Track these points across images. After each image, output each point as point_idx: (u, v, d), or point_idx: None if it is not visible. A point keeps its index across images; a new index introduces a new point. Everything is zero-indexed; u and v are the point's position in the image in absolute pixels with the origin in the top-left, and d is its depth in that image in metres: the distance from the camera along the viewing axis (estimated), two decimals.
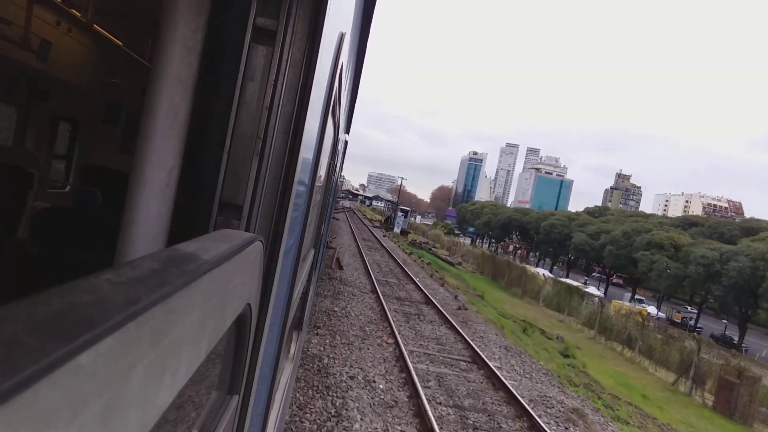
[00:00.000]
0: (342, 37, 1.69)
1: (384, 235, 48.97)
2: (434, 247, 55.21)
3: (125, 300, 0.37)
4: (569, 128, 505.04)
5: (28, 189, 4.07)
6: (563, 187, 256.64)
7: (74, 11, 5.18)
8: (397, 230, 59.09)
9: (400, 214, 62.95)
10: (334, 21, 1.37)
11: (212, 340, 0.61)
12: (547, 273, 58.30)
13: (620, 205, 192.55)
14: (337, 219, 49.43)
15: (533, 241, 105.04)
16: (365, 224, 63.72)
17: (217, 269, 0.59)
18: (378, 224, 70.63)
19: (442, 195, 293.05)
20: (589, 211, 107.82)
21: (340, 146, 5.14)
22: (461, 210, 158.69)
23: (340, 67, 1.77)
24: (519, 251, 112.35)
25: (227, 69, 1.04)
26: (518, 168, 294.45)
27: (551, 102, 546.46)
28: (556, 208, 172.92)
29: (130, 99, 6.29)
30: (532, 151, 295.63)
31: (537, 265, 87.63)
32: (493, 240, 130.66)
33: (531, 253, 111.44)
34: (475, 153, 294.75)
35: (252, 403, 1.11)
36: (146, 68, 5.97)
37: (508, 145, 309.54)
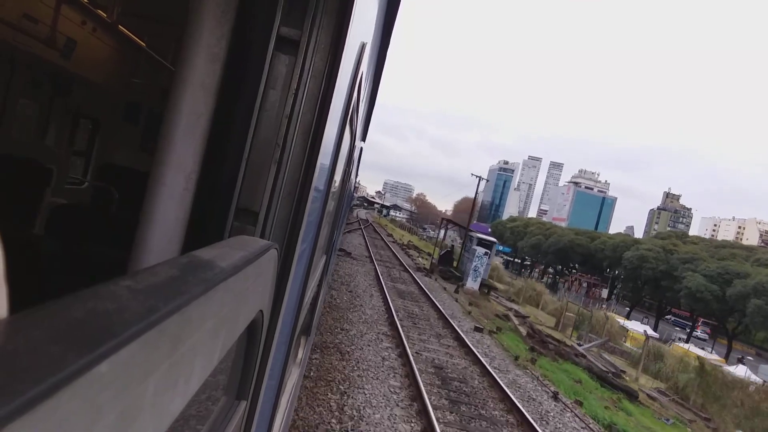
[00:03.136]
0: (363, 47, 1.70)
1: (473, 327, 16.94)
2: (510, 298, 32.89)
3: (144, 308, 0.38)
4: (587, 144, 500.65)
5: (46, 185, 4.14)
6: (605, 204, 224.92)
7: (100, 11, 5.28)
8: (472, 285, 28.06)
9: (478, 249, 28.93)
10: (357, 31, 1.38)
11: (225, 347, 0.61)
12: (648, 330, 34.11)
13: (668, 229, 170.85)
14: (352, 257, 26.15)
15: (601, 272, 78.55)
16: (398, 259, 32.67)
17: (234, 277, 0.59)
18: (418, 254, 42.47)
19: (466, 207, 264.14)
20: (663, 237, 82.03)
21: (356, 154, 5.16)
22: (498, 227, 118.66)
23: (360, 76, 1.78)
24: (592, 289, 75.82)
25: (250, 77, 1.05)
26: (540, 181, 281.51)
27: (566, 117, 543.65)
28: (596, 229, 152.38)
29: (150, 99, 6.38)
30: (556, 165, 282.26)
31: (609, 307, 59.29)
32: (549, 269, 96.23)
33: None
34: (506, 162, 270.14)
35: (259, 408, 1.11)
36: (168, 70, 6.06)
37: (531, 158, 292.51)
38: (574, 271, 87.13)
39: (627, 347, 29.39)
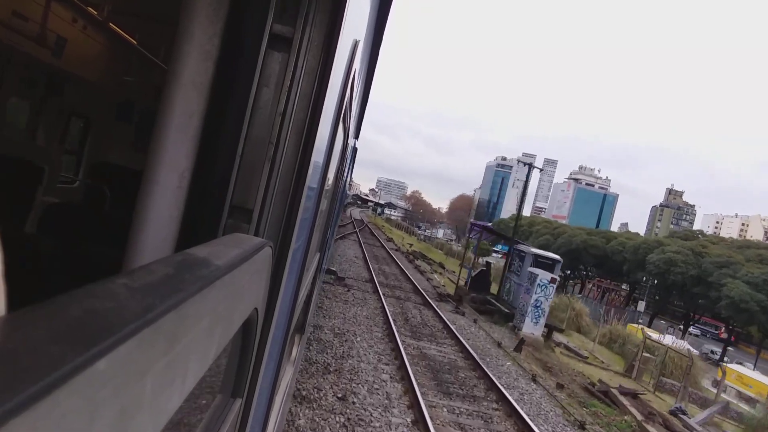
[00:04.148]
0: (356, 44, 1.70)
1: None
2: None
3: (141, 306, 0.38)
4: (580, 142, 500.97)
5: (38, 184, 4.11)
6: (606, 202, 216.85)
7: (90, 9, 5.24)
8: (532, 330, 17.27)
9: (540, 275, 17.67)
10: (349, 29, 1.38)
11: (220, 345, 0.61)
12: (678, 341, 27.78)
13: (671, 226, 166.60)
14: (345, 283, 17.53)
15: (620, 276, 71.09)
16: (410, 279, 23.67)
17: (229, 275, 0.59)
18: (429, 266, 35.76)
19: (462, 205, 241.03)
20: (683, 237, 74.34)
21: (349, 152, 5.16)
22: (500, 226, 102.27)
23: (352, 74, 1.78)
24: (611, 295, 70.74)
25: (243, 74, 1.05)
26: (534, 178, 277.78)
27: (559, 115, 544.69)
28: (597, 226, 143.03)
29: (143, 97, 6.35)
30: (549, 162, 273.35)
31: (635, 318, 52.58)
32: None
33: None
34: (504, 158, 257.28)
35: (254, 406, 1.11)
36: (160, 68, 6.03)
37: (525, 154, 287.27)
38: (584, 273, 78.77)
39: (735, 403, 21.15)
